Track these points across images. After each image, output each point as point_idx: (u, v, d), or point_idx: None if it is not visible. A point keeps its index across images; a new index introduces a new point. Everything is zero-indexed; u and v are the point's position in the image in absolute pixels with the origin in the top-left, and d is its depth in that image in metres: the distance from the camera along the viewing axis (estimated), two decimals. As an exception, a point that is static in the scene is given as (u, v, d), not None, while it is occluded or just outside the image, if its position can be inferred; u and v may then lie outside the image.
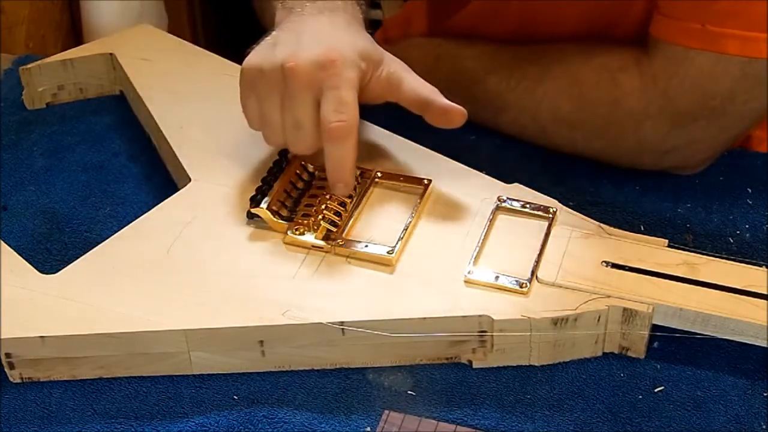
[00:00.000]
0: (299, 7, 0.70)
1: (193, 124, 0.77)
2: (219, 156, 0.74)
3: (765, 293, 0.61)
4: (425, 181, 0.70)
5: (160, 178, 0.78)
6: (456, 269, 0.64)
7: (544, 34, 0.81)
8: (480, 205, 0.69)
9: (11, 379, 0.63)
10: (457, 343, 0.62)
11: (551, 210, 0.68)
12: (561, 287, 0.63)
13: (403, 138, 0.74)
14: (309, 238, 0.66)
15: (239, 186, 0.71)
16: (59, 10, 1.20)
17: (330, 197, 0.68)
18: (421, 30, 0.93)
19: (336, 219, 0.67)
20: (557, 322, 0.61)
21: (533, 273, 0.63)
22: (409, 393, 0.62)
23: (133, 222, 0.69)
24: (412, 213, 0.68)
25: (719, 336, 0.61)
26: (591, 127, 0.77)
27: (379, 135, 0.75)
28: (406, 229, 0.67)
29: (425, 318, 0.61)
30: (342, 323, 0.61)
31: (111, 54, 0.86)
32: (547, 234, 0.66)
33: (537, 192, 0.70)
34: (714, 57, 0.71)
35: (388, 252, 0.65)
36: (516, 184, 0.71)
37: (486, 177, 0.72)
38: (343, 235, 0.66)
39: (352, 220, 0.68)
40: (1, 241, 0.68)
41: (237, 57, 0.76)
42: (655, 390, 0.62)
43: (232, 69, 0.82)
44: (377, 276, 0.64)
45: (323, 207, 0.67)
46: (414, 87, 0.68)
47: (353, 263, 0.65)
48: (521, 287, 0.62)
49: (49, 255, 0.72)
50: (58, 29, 1.20)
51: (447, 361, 0.63)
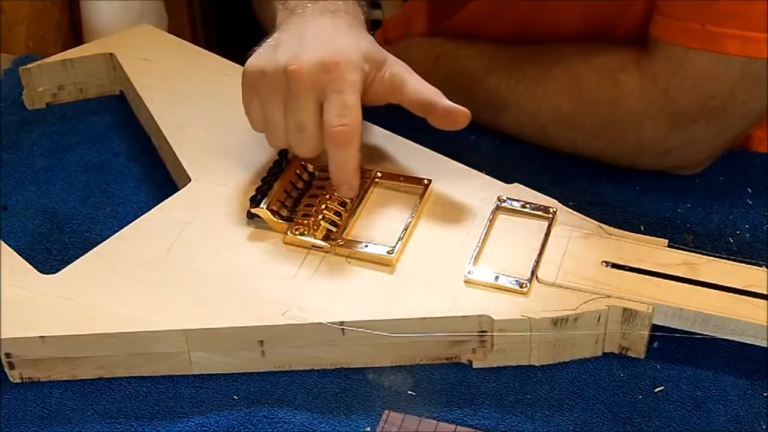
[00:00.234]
0: (301, 8, 0.70)
1: (193, 124, 0.77)
2: (219, 156, 0.74)
3: (765, 293, 0.61)
4: (425, 181, 0.70)
5: (160, 178, 0.78)
6: (456, 269, 0.64)
7: (544, 34, 0.81)
8: (480, 205, 0.69)
9: (11, 379, 0.63)
10: (457, 343, 0.62)
11: (551, 210, 0.68)
12: (561, 287, 0.63)
13: (403, 138, 0.74)
14: (309, 238, 0.66)
15: (239, 186, 0.71)
16: (59, 10, 1.20)
17: (330, 197, 0.68)
18: (421, 30, 0.93)
19: (336, 219, 0.67)
20: (557, 322, 0.61)
21: (533, 273, 0.63)
22: (409, 393, 0.62)
23: (133, 222, 0.69)
24: (412, 213, 0.68)
25: (719, 336, 0.61)
26: (591, 127, 0.77)
27: (380, 135, 0.75)
28: (406, 229, 0.67)
29: (425, 318, 0.61)
30: (342, 323, 0.61)
31: (111, 54, 0.86)
32: (547, 234, 0.66)
33: (537, 192, 0.70)
34: (714, 57, 0.71)
35: (388, 252, 0.65)
36: (516, 184, 0.71)
37: (486, 177, 0.72)
38: (343, 235, 0.66)
39: (352, 220, 0.68)
40: (1, 241, 0.68)
41: (237, 57, 0.77)
42: (655, 390, 0.62)
43: (232, 69, 0.82)
44: (377, 276, 0.64)
45: (323, 207, 0.67)
46: (417, 89, 0.68)
47: (353, 263, 0.65)
48: (521, 287, 0.62)
49: (49, 255, 0.72)
50: (58, 29, 1.20)
51: (447, 361, 0.63)
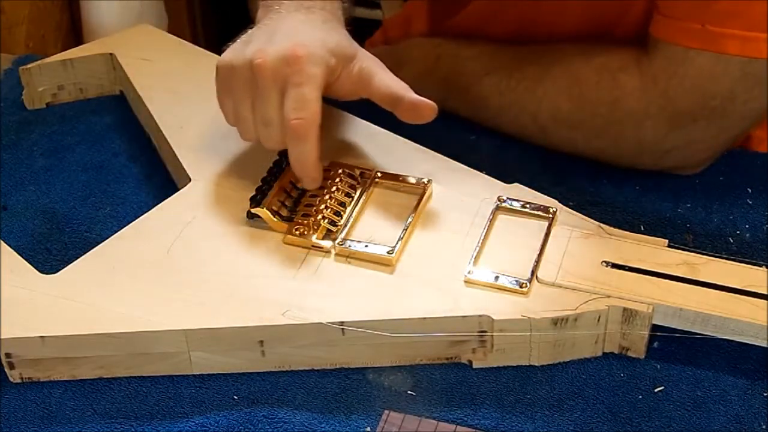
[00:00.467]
0: (277, 5, 0.70)
1: (193, 124, 0.77)
2: (219, 156, 0.74)
3: (765, 293, 0.61)
4: (425, 181, 0.70)
5: (160, 178, 0.78)
6: (456, 269, 0.64)
7: (544, 34, 0.81)
8: (480, 205, 0.69)
9: (11, 379, 0.63)
10: (457, 343, 0.62)
11: (551, 210, 0.68)
12: (561, 287, 0.63)
13: (403, 138, 0.74)
14: (309, 238, 0.66)
15: (239, 186, 0.71)
16: (59, 10, 1.20)
17: (330, 197, 0.68)
18: (421, 30, 0.93)
19: (336, 219, 0.67)
20: (557, 322, 0.61)
21: (533, 273, 0.63)
22: (409, 393, 0.62)
23: (133, 222, 0.69)
24: (412, 213, 0.68)
25: (719, 336, 0.61)
26: (591, 127, 0.77)
27: (380, 135, 0.75)
28: (406, 229, 0.67)
29: (425, 318, 0.61)
30: (342, 323, 0.61)
31: (111, 54, 0.86)
32: (547, 234, 0.66)
33: (537, 192, 0.70)
34: (714, 57, 0.71)
35: (388, 252, 0.65)
36: (516, 184, 0.71)
37: (486, 177, 0.72)
38: (343, 235, 0.66)
39: (352, 220, 0.68)
40: (1, 241, 0.68)
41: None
42: (655, 390, 0.62)
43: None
44: (377, 276, 0.64)
45: (323, 207, 0.67)
46: (385, 83, 0.68)
47: (353, 263, 0.65)
48: (521, 287, 0.62)
49: (49, 255, 0.72)
50: (58, 29, 1.20)
51: (447, 361, 0.63)
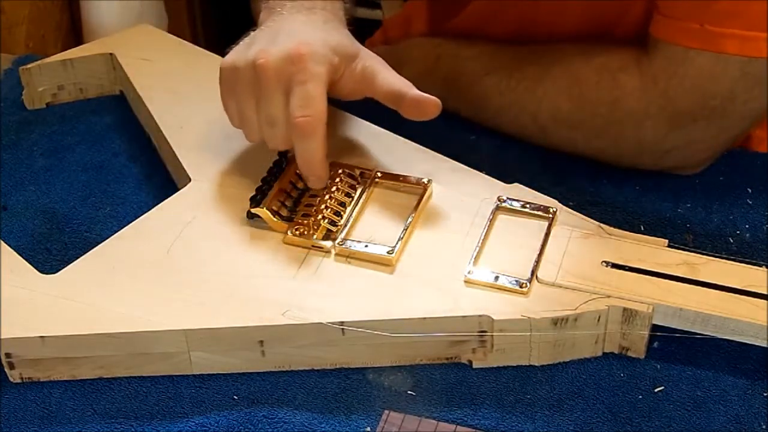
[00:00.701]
0: (279, 7, 0.71)
1: (193, 124, 0.77)
2: (219, 156, 0.74)
3: (765, 293, 0.61)
4: (425, 181, 0.70)
5: (160, 178, 0.78)
6: (456, 269, 0.64)
7: (544, 34, 0.81)
8: (480, 205, 0.69)
9: (11, 379, 0.63)
10: (457, 343, 0.62)
11: (551, 210, 0.68)
12: (561, 287, 0.63)
13: (403, 138, 0.74)
14: (309, 238, 0.66)
15: (239, 186, 0.71)
16: (59, 10, 1.20)
17: (330, 197, 0.68)
18: (421, 30, 0.93)
19: (336, 219, 0.67)
20: (557, 322, 0.61)
21: (533, 273, 0.63)
22: (409, 393, 0.62)
23: (133, 222, 0.69)
24: (412, 213, 0.68)
25: (719, 336, 0.61)
26: (591, 127, 0.77)
27: (379, 135, 0.75)
28: (406, 229, 0.67)
29: (425, 318, 0.61)
30: (342, 323, 0.61)
31: (111, 54, 0.86)
32: (547, 234, 0.66)
33: (537, 192, 0.70)
34: (713, 57, 0.71)
35: (388, 252, 0.65)
36: (516, 184, 0.71)
37: (486, 177, 0.72)
38: (343, 235, 0.66)
39: (352, 220, 0.68)
40: (1, 241, 0.68)
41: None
42: (655, 390, 0.62)
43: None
44: (377, 276, 0.64)
45: (323, 207, 0.68)
46: (388, 80, 0.68)
47: (353, 263, 0.65)
48: (521, 287, 0.62)
49: (49, 255, 0.72)
50: (58, 29, 1.20)
51: (447, 361, 0.63)
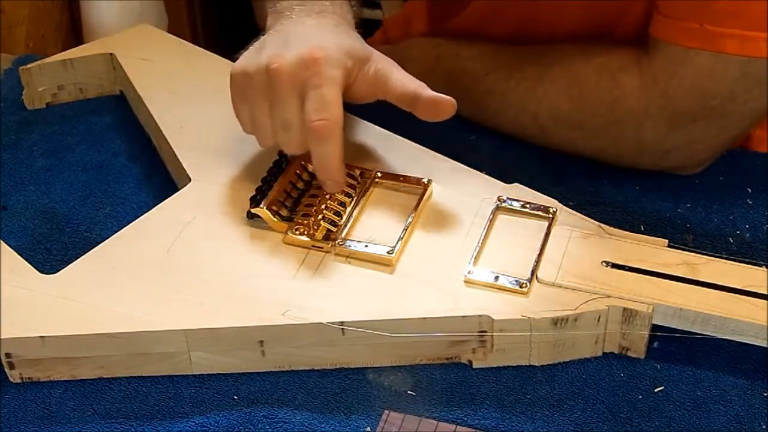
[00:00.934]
0: (288, 11, 0.70)
1: (193, 124, 0.77)
2: (219, 156, 0.74)
3: (765, 293, 0.61)
4: (425, 181, 0.70)
5: (160, 178, 0.78)
6: (456, 269, 0.64)
7: (544, 34, 0.81)
8: (480, 205, 0.69)
9: (11, 379, 0.63)
10: (457, 343, 0.62)
11: (551, 210, 0.68)
12: (561, 287, 0.63)
13: (403, 138, 0.74)
14: (309, 238, 0.66)
15: (239, 186, 0.71)
16: (59, 10, 1.20)
17: (330, 197, 0.68)
18: (421, 30, 0.93)
19: (336, 219, 0.67)
20: (557, 322, 0.61)
21: (533, 273, 0.63)
22: (409, 393, 0.62)
23: (133, 222, 0.69)
24: (412, 213, 0.68)
25: (719, 336, 0.61)
26: (591, 127, 0.77)
27: (379, 135, 0.75)
28: (406, 229, 0.67)
29: (425, 318, 0.61)
30: (342, 323, 0.61)
31: (111, 54, 0.86)
32: (547, 234, 0.66)
33: (537, 192, 0.70)
34: (713, 57, 0.71)
35: (388, 252, 0.65)
36: (516, 184, 0.71)
37: (486, 177, 0.72)
38: (343, 235, 0.66)
39: (352, 220, 0.68)
40: (1, 241, 0.68)
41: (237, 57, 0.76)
42: (655, 390, 0.62)
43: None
44: (377, 276, 0.64)
45: (323, 207, 0.68)
46: (402, 82, 0.68)
47: (353, 263, 0.65)
48: (521, 287, 0.62)
49: (49, 255, 0.72)
50: (58, 29, 1.20)
51: (447, 361, 0.63)
